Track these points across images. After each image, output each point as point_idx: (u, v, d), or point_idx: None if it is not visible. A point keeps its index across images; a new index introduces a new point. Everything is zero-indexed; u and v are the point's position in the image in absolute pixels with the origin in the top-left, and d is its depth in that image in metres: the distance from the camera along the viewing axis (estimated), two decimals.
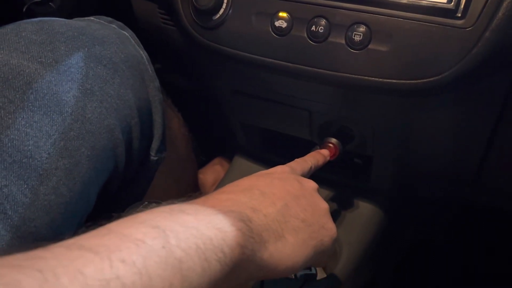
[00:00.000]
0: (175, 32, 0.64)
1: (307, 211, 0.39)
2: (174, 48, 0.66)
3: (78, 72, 0.42)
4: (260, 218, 0.34)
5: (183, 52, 0.64)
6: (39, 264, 0.21)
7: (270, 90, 0.56)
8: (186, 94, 0.79)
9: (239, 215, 0.32)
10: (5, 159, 0.36)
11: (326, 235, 0.39)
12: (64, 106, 0.40)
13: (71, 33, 0.45)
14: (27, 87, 0.39)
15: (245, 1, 0.50)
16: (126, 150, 0.47)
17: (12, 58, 0.40)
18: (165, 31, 0.66)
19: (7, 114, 0.37)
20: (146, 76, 0.50)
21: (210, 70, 0.61)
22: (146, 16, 0.67)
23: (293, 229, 0.36)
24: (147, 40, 0.56)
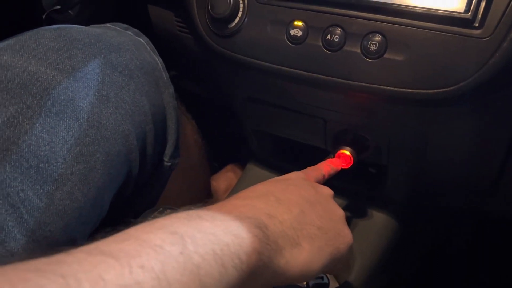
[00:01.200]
0: (191, 39, 0.64)
1: (323, 217, 0.39)
2: (189, 56, 0.67)
3: (94, 78, 0.43)
4: (276, 224, 0.34)
5: (198, 59, 0.65)
6: (62, 269, 0.22)
7: (284, 98, 0.56)
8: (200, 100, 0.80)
9: (256, 222, 0.32)
10: (22, 164, 0.37)
11: (342, 242, 0.39)
12: (80, 112, 0.41)
13: (88, 40, 0.45)
14: (45, 93, 0.39)
15: (260, 9, 0.50)
16: (140, 156, 0.48)
17: (30, 64, 0.40)
18: (180, 38, 0.66)
19: (25, 119, 0.38)
20: (161, 83, 0.51)
21: (225, 77, 0.62)
22: (162, 23, 0.68)
23: (309, 236, 0.36)
24: (163, 47, 0.57)
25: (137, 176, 0.49)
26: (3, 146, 0.36)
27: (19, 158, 0.37)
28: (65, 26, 0.46)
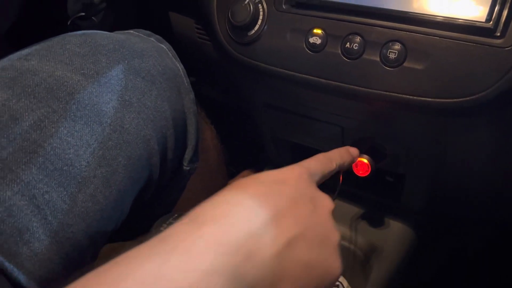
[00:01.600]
0: (210, 46, 0.65)
1: (314, 248, 0.32)
2: (209, 62, 0.68)
3: (118, 84, 0.44)
4: (255, 266, 0.28)
5: (217, 65, 0.65)
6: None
7: (302, 105, 0.56)
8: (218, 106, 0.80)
9: (230, 268, 0.26)
10: (47, 166, 0.38)
11: (328, 278, 0.33)
12: (104, 117, 0.42)
13: (112, 46, 0.46)
14: (70, 97, 0.41)
15: (280, 17, 0.51)
16: (161, 160, 0.49)
17: (56, 69, 0.42)
18: (200, 45, 0.67)
19: (51, 123, 0.39)
20: (182, 89, 0.52)
21: (244, 83, 0.62)
22: (182, 30, 0.69)
23: (292, 277, 0.30)
24: (182, 53, 0.58)
25: (157, 180, 0.50)
26: (30, 149, 0.37)
27: (45, 160, 0.38)
28: (90, 32, 0.48)
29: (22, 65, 0.41)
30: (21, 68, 0.41)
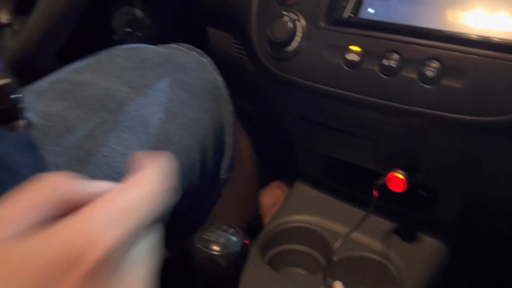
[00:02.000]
0: (247, 60, 0.67)
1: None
2: (245, 75, 0.70)
3: (163, 96, 0.46)
4: None
5: (253, 79, 0.67)
6: None
7: (337, 119, 0.57)
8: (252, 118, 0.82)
9: None
10: (98, 174, 0.40)
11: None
12: (150, 127, 0.44)
13: (157, 60, 0.49)
14: (119, 109, 0.43)
15: (317, 34, 0.52)
16: (200, 169, 0.50)
17: (107, 82, 0.44)
18: (237, 59, 0.70)
19: (102, 133, 0.41)
20: (221, 101, 0.54)
21: (279, 97, 0.64)
22: (220, 44, 0.71)
23: None
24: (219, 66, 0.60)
25: (196, 189, 0.52)
26: (83, 157, 0.40)
27: (96, 168, 0.40)
28: (136, 46, 0.50)
29: (75, 78, 0.44)
30: (74, 81, 0.43)
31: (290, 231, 0.73)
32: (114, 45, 0.59)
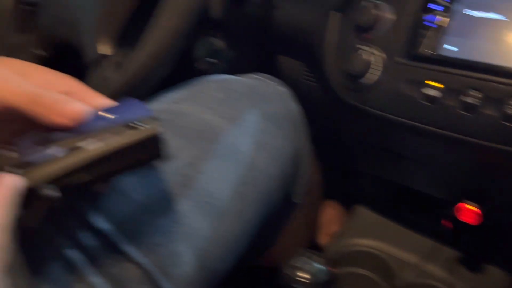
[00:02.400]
0: (315, 87, 0.70)
1: None
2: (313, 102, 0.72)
3: (252, 126, 0.49)
4: None
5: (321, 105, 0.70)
6: None
7: (409, 149, 0.59)
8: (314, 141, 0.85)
9: None
10: (197, 198, 0.43)
11: None
12: (241, 156, 0.47)
13: (246, 92, 0.52)
14: (215, 139, 0.46)
15: (395, 67, 0.54)
16: (279, 195, 0.53)
17: (203, 113, 0.48)
18: (305, 85, 0.72)
19: (200, 161, 0.45)
20: (301, 129, 0.57)
21: (350, 125, 0.66)
22: (290, 72, 0.74)
23: None
24: None
25: (275, 214, 0.54)
26: (183, 183, 0.43)
27: (195, 193, 0.43)
28: (225, 77, 0.54)
29: (175, 109, 0.48)
30: (175, 111, 0.47)
31: (351, 254, 0.75)
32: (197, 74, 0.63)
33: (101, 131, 0.33)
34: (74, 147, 0.32)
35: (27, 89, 0.33)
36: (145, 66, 0.46)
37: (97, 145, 0.32)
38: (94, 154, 0.31)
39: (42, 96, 0.32)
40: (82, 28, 0.55)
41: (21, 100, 0.32)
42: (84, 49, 0.55)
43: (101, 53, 0.54)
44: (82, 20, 0.55)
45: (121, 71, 0.52)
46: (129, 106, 0.36)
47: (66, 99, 0.33)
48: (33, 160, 0.31)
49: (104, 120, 0.34)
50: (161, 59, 0.46)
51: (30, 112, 0.32)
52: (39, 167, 0.31)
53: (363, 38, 0.56)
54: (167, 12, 0.45)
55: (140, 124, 0.33)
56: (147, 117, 0.34)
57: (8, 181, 0.29)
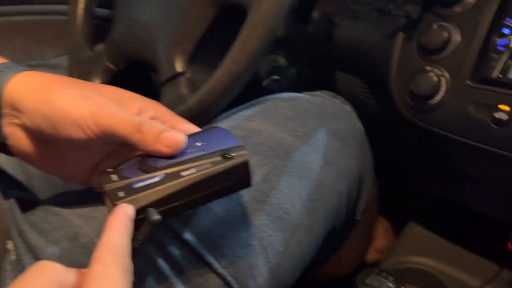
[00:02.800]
0: (374, 104, 0.71)
1: None
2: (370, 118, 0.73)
3: (321, 144, 0.51)
4: None
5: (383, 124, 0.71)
6: None
7: (474, 171, 0.59)
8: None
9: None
10: (271, 213, 0.45)
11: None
12: (311, 173, 0.49)
13: (314, 110, 0.54)
14: (287, 156, 0.48)
15: (463, 90, 0.55)
16: (344, 212, 0.54)
17: (275, 131, 0.50)
18: (362, 102, 0.73)
19: (274, 177, 0.47)
20: (365, 147, 0.58)
21: (410, 143, 0.67)
22: (347, 88, 0.75)
23: None
24: None
25: (336, 229, 0.56)
26: (260, 198, 0.45)
27: (270, 208, 0.45)
28: (294, 96, 0.56)
29: (248, 125, 0.50)
30: (248, 128, 0.49)
31: (405, 272, 0.75)
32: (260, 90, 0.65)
33: (195, 158, 0.35)
34: (171, 173, 0.34)
35: (131, 118, 0.35)
36: (221, 84, 0.48)
37: (192, 172, 0.34)
38: (190, 181, 0.34)
39: (145, 125, 0.35)
40: (158, 45, 0.58)
41: (127, 129, 0.35)
42: (160, 67, 0.58)
43: (177, 71, 0.57)
44: (158, 38, 0.58)
45: (196, 89, 0.54)
46: (216, 134, 0.38)
47: (166, 128, 0.36)
48: (136, 185, 0.34)
49: (195, 147, 0.36)
50: (237, 78, 0.48)
51: (133, 140, 0.35)
52: (143, 193, 0.33)
53: (431, 60, 0.57)
54: (249, 34, 0.47)
55: (230, 153, 0.35)
56: (236, 146, 0.36)
57: (124, 210, 0.31)
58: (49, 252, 0.39)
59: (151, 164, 0.35)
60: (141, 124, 0.35)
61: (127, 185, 0.34)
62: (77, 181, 0.42)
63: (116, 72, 0.68)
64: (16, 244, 0.41)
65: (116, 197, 0.33)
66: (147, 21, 0.60)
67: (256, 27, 0.46)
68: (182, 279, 0.40)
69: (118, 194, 0.33)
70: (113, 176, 0.35)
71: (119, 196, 0.33)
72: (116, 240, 0.29)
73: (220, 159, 0.35)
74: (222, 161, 0.35)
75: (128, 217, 0.31)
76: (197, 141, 0.37)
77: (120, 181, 0.34)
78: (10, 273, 0.39)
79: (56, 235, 0.41)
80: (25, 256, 0.40)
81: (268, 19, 0.47)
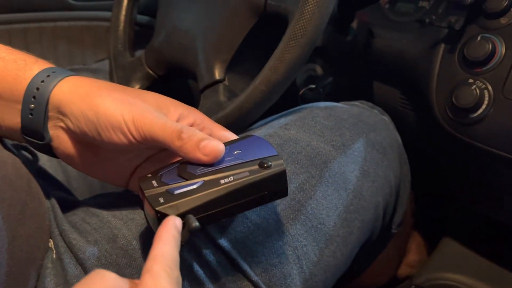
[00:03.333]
0: (414, 117, 0.70)
1: None
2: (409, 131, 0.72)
3: (359, 155, 0.50)
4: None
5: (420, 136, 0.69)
6: None
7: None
8: None
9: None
10: (307, 223, 0.45)
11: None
12: (348, 184, 0.48)
13: (352, 120, 0.53)
14: (324, 165, 0.48)
15: (507, 104, 0.53)
16: (380, 224, 0.54)
17: (312, 140, 0.49)
18: (401, 113, 0.72)
19: (310, 186, 0.46)
20: (402, 159, 0.57)
21: (449, 157, 0.65)
22: (384, 98, 0.74)
23: None
24: None
25: (372, 241, 0.55)
26: (295, 207, 0.45)
27: (305, 218, 0.45)
28: (331, 105, 0.55)
29: (284, 134, 0.50)
30: (284, 136, 0.49)
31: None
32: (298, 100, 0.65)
33: (232, 166, 0.36)
34: (209, 180, 0.35)
35: (171, 125, 0.36)
36: (261, 93, 0.49)
37: (230, 180, 0.35)
38: (227, 189, 0.34)
39: (185, 132, 0.36)
40: (198, 53, 0.59)
41: (167, 135, 0.36)
42: (199, 74, 0.58)
43: (216, 78, 0.57)
44: (199, 45, 0.59)
45: (233, 96, 0.55)
46: (253, 143, 0.39)
47: (206, 136, 0.36)
48: (175, 191, 0.34)
49: (233, 155, 0.37)
50: (276, 88, 0.49)
51: (173, 146, 0.36)
52: (182, 200, 0.34)
53: (473, 72, 0.55)
54: (289, 44, 0.47)
55: (267, 162, 0.35)
56: (273, 155, 0.36)
57: (174, 222, 0.32)
58: (89, 253, 0.40)
59: (190, 171, 0.36)
60: (181, 131, 0.36)
61: (167, 191, 0.34)
62: (116, 184, 0.43)
63: (155, 78, 0.69)
64: (57, 243, 0.42)
65: (156, 203, 0.34)
66: (189, 28, 0.62)
67: (297, 37, 0.47)
68: (216, 285, 0.40)
69: (159, 200, 0.34)
70: (153, 182, 0.36)
71: (160, 202, 0.34)
72: (167, 252, 0.29)
73: (257, 168, 0.35)
74: (260, 170, 0.35)
75: (177, 229, 0.32)
76: (234, 149, 0.37)
77: (160, 187, 0.35)
78: (51, 271, 0.41)
79: (96, 236, 0.42)
80: (65, 255, 0.41)
81: (310, 29, 0.47)
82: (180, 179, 0.35)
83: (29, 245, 0.40)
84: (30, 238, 0.40)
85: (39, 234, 0.41)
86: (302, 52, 0.47)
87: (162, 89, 0.74)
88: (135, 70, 0.70)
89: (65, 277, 0.40)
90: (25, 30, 0.90)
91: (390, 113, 0.74)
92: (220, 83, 0.57)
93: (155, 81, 0.69)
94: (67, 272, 0.40)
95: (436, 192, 0.76)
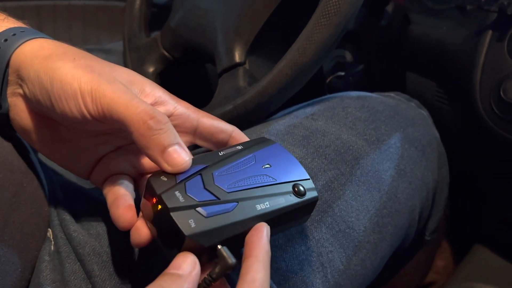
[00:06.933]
0: (449, 111, 0.63)
1: None
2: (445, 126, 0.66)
3: (395, 152, 0.45)
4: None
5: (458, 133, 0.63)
6: None
7: None
8: None
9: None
10: (333, 227, 0.40)
11: None
12: (382, 184, 0.43)
13: (388, 113, 0.47)
14: (355, 162, 0.42)
15: None
16: (415, 230, 0.48)
17: (342, 132, 0.44)
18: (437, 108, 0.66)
19: (339, 185, 0.41)
20: (442, 159, 0.51)
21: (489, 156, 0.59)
22: (419, 91, 0.68)
23: None
24: None
25: (403, 248, 0.49)
26: (321, 208, 0.40)
27: (332, 221, 0.40)
28: (364, 95, 0.50)
29: (310, 125, 0.44)
30: (311, 128, 0.44)
31: None
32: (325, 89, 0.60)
33: (266, 187, 0.32)
34: (245, 204, 0.30)
35: (142, 105, 0.29)
36: (285, 77, 0.43)
37: (266, 207, 0.31)
38: (264, 218, 0.30)
39: (157, 120, 0.29)
40: (218, 34, 0.54)
41: (132, 115, 0.29)
42: (218, 56, 0.53)
43: (236, 61, 0.52)
44: (218, 25, 0.54)
45: (254, 82, 0.50)
46: (280, 155, 0.34)
47: (177, 140, 0.30)
48: (207, 212, 0.29)
49: (262, 170, 0.33)
50: (303, 72, 0.43)
51: (135, 132, 0.29)
52: (217, 226, 0.29)
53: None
54: (320, 22, 0.41)
55: (302, 188, 0.32)
56: (305, 179, 0.33)
57: (267, 249, 0.29)
58: (89, 248, 0.36)
59: (219, 185, 0.31)
60: (152, 116, 0.28)
61: (196, 212, 0.29)
62: (76, 173, 0.36)
63: (170, 60, 0.64)
64: (56, 234, 0.38)
65: (187, 227, 0.28)
66: (209, 8, 0.56)
67: (330, 14, 0.41)
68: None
69: (189, 223, 0.28)
70: (176, 193, 0.30)
71: (190, 226, 0.28)
72: (261, 278, 0.27)
73: (292, 194, 0.32)
74: (295, 198, 0.32)
75: (268, 254, 0.29)
76: (261, 161, 0.33)
77: (186, 201, 0.29)
78: (48, 264, 0.36)
79: (98, 229, 0.37)
80: (63, 248, 0.36)
81: (344, 5, 0.41)
82: (209, 195, 0.30)
83: (23, 232, 0.35)
84: (25, 224, 0.35)
85: (35, 221, 0.37)
86: (335, 32, 0.41)
87: (178, 72, 0.69)
88: (150, 51, 0.65)
89: (62, 273, 0.35)
90: (38, 8, 0.86)
91: (425, 107, 0.68)
92: (240, 67, 0.52)
93: (170, 64, 0.65)
94: (64, 267, 0.35)
95: (470, 195, 0.70)
